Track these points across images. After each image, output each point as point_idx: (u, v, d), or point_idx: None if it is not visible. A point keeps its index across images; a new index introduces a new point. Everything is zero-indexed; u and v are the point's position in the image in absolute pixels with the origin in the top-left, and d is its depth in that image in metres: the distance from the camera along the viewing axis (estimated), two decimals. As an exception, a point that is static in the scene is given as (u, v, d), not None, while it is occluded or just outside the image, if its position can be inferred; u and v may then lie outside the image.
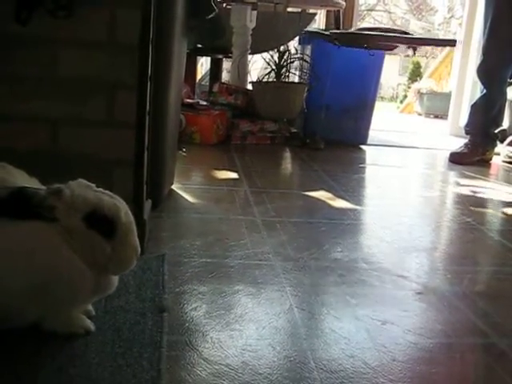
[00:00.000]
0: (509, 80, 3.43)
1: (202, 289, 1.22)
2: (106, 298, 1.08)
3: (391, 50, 3.89)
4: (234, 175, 2.49)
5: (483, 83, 3.33)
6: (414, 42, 4.02)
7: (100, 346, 0.93)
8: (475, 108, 3.41)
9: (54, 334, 0.94)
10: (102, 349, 0.92)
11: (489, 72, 3.29)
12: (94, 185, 0.95)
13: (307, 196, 2.20)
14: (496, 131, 3.43)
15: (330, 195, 2.20)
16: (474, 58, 4.34)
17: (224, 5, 3.88)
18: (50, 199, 0.89)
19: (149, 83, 1.37)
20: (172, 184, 2.05)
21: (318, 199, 2.14)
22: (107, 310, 1.05)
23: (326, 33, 3.73)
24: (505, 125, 3.78)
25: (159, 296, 1.14)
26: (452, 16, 17.56)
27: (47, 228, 0.89)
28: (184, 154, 2.79)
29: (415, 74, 14.61)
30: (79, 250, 0.90)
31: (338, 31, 3.93)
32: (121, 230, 0.93)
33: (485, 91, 3.31)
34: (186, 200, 1.98)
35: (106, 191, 0.95)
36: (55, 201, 0.89)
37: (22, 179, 0.96)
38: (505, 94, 3.36)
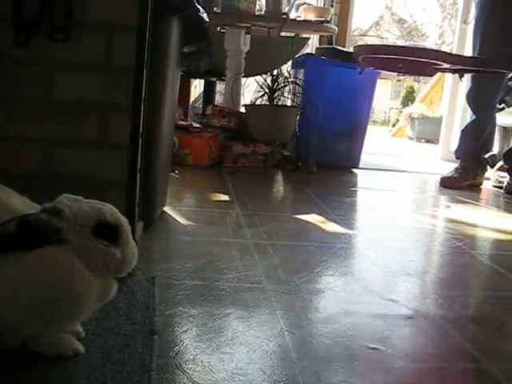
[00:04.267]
0: (498, 106, 3.48)
1: (193, 311, 1.22)
2: (96, 320, 1.07)
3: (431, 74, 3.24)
4: (225, 197, 2.49)
5: (473, 109, 3.37)
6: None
7: (89, 369, 0.92)
8: (465, 133, 3.45)
9: (41, 356, 0.93)
10: (91, 371, 0.91)
11: (478, 98, 3.33)
12: (80, 197, 0.96)
13: (299, 219, 2.20)
14: (486, 156, 3.47)
15: (321, 218, 2.21)
16: (465, 83, 4.39)
17: (218, 28, 3.92)
18: (54, 221, 0.89)
19: (143, 105, 1.38)
20: (164, 206, 2.05)
21: (309, 222, 2.15)
22: (97, 332, 1.05)
23: (347, 50, 3.43)
24: (495, 150, 3.82)
25: (149, 318, 1.14)
26: (443, 42, 17.81)
27: (58, 251, 0.89)
28: (176, 175, 2.79)
29: (408, 98, 14.77)
30: (91, 263, 0.92)
31: (364, 45, 3.39)
32: (123, 232, 0.96)
33: (474, 117, 3.35)
34: (178, 222, 1.98)
35: (92, 200, 0.96)
36: (59, 222, 0.90)
37: (16, 199, 0.97)
38: (494, 119, 3.40)
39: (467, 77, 3.50)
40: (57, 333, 0.95)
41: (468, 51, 4.05)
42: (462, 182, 3.34)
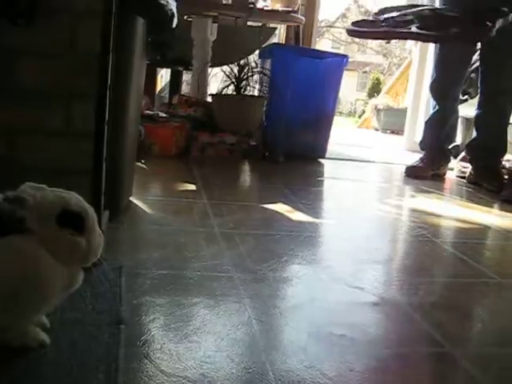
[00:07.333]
0: (461, 97, 3.54)
1: (160, 301, 1.21)
2: (62, 311, 1.06)
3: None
4: (192, 187, 2.48)
5: (436, 100, 3.41)
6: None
7: (55, 359, 0.91)
8: (429, 124, 3.50)
9: (7, 347, 0.91)
10: (57, 362, 0.90)
11: (441, 90, 3.37)
12: (44, 185, 0.94)
13: (266, 208, 2.21)
14: (450, 147, 3.52)
15: (288, 208, 2.21)
16: (429, 75, 4.44)
17: (185, 17, 3.89)
18: (17, 211, 0.88)
19: (108, 93, 1.36)
20: (130, 195, 2.03)
21: (276, 212, 2.16)
22: (63, 322, 1.03)
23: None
24: (458, 141, 3.89)
25: (116, 308, 1.13)
26: (409, 34, 17.94)
27: (22, 240, 0.88)
28: (143, 165, 2.77)
29: (374, 89, 14.93)
30: (56, 253, 0.90)
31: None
32: (89, 221, 0.95)
33: (437, 107, 3.40)
34: (145, 211, 1.96)
35: (56, 189, 0.95)
36: (22, 211, 0.88)
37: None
38: (457, 111, 3.45)
39: (430, 68, 3.54)
40: (22, 323, 0.94)
41: (431, 43, 4.09)
42: (427, 172, 3.39)
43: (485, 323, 1.34)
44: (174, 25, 1.85)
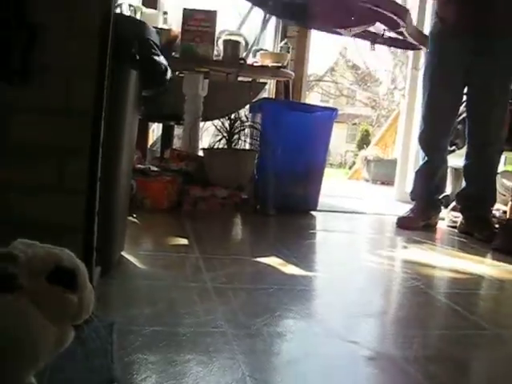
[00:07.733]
0: (449, 148, 3.59)
1: (152, 358, 1.19)
2: (52, 370, 1.04)
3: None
4: (184, 241, 2.48)
5: (425, 151, 3.46)
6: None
7: (44, 421, 0.89)
8: (419, 175, 3.53)
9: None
10: (46, 424, 0.88)
11: (429, 141, 3.43)
12: (36, 242, 0.94)
13: (258, 262, 2.20)
14: (440, 197, 3.55)
15: (280, 261, 2.21)
16: (417, 126, 4.52)
17: (177, 73, 3.96)
18: (9, 268, 0.87)
19: (100, 149, 1.38)
20: (122, 250, 2.02)
21: (269, 265, 2.15)
22: (53, 381, 1.01)
23: None
24: (448, 191, 3.92)
25: (108, 366, 1.11)
26: (395, 87, 18.36)
27: (13, 298, 0.87)
28: (135, 219, 2.77)
29: (363, 141, 15.15)
30: (47, 310, 0.89)
31: None
32: (80, 277, 0.94)
33: (427, 158, 3.44)
34: (136, 266, 1.95)
35: (48, 245, 0.94)
36: (14, 268, 0.87)
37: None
38: (446, 161, 3.50)
39: (418, 119, 3.61)
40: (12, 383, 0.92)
41: (419, 95, 4.18)
42: (418, 223, 3.40)
43: (479, 376, 1.32)
44: (168, 78, 1.88)
